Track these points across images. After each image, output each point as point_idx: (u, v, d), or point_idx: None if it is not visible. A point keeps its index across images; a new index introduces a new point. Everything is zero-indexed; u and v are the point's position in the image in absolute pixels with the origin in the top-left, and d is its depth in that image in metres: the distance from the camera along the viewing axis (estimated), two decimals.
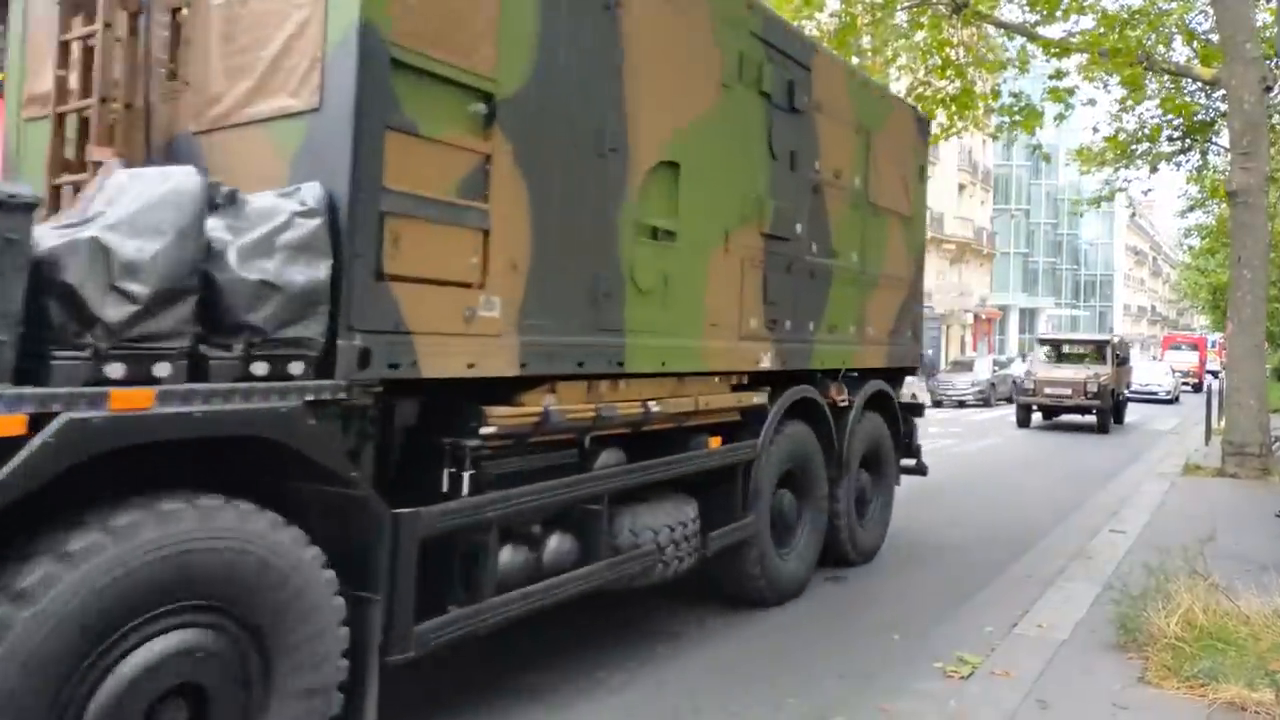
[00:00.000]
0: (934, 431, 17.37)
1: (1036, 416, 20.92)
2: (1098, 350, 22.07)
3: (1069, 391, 19.35)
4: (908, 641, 5.38)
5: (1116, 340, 22.31)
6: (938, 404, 26.36)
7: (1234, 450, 11.47)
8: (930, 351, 40.88)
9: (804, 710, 4.38)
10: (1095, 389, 18.90)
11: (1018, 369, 35.01)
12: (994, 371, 28.59)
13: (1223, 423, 12.72)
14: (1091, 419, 20.00)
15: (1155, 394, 31.32)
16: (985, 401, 26.47)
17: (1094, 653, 4.84)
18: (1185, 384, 37.94)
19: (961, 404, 26.38)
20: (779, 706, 4.42)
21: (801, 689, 4.62)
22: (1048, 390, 19.71)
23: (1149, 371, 33.09)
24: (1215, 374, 33.59)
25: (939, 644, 5.26)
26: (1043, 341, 24.66)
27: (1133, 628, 4.89)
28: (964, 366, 29.74)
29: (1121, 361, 21.56)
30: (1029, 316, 70.01)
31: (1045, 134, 17.11)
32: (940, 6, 12.70)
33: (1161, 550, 6.02)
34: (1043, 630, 5.25)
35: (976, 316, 50.03)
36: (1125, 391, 22.51)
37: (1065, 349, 23.32)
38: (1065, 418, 21.11)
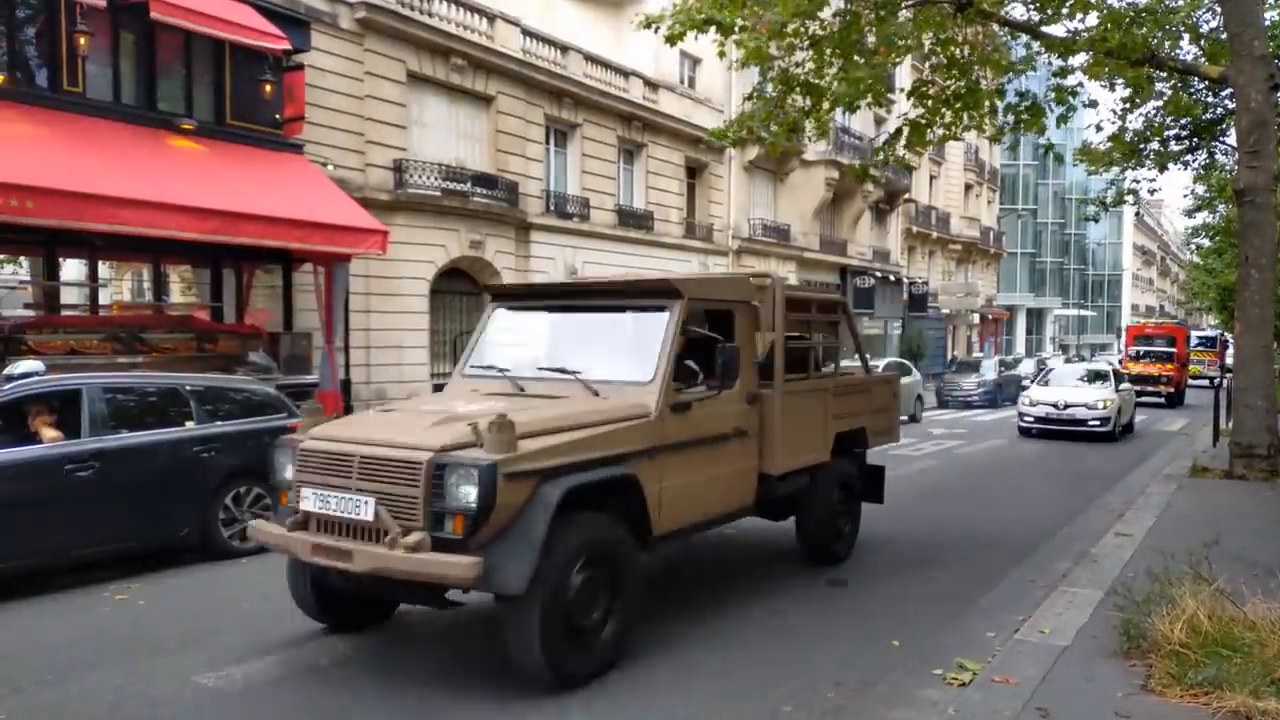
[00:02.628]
0: (939, 433, 17.26)
1: None
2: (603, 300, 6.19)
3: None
4: (907, 647, 5.31)
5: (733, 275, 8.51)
6: (944, 404, 26.28)
7: (1242, 452, 11.34)
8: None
9: (800, 718, 4.31)
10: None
11: (1026, 367, 34.46)
12: (1000, 372, 28.46)
13: (1231, 424, 12.58)
14: None
15: (1083, 422, 17.49)
16: (991, 402, 26.32)
17: (1096, 659, 4.75)
18: (1153, 395, 27.51)
19: (967, 405, 26.23)
20: (775, 714, 4.35)
21: (798, 697, 4.55)
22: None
23: (1065, 386, 18.81)
24: (1213, 380, 29.39)
25: (940, 650, 5.18)
26: (495, 297, 6.89)
27: (1136, 634, 4.80)
28: (970, 367, 29.58)
29: (797, 362, 7.11)
30: (1036, 317, 69.80)
31: (1052, 134, 16.86)
32: (944, 5, 12.58)
33: (1166, 554, 5.92)
34: (1045, 636, 5.16)
35: (983, 317, 49.81)
36: (871, 444, 8.29)
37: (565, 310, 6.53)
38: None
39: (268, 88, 13.14)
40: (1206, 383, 35.70)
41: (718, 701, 4.49)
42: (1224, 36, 12.76)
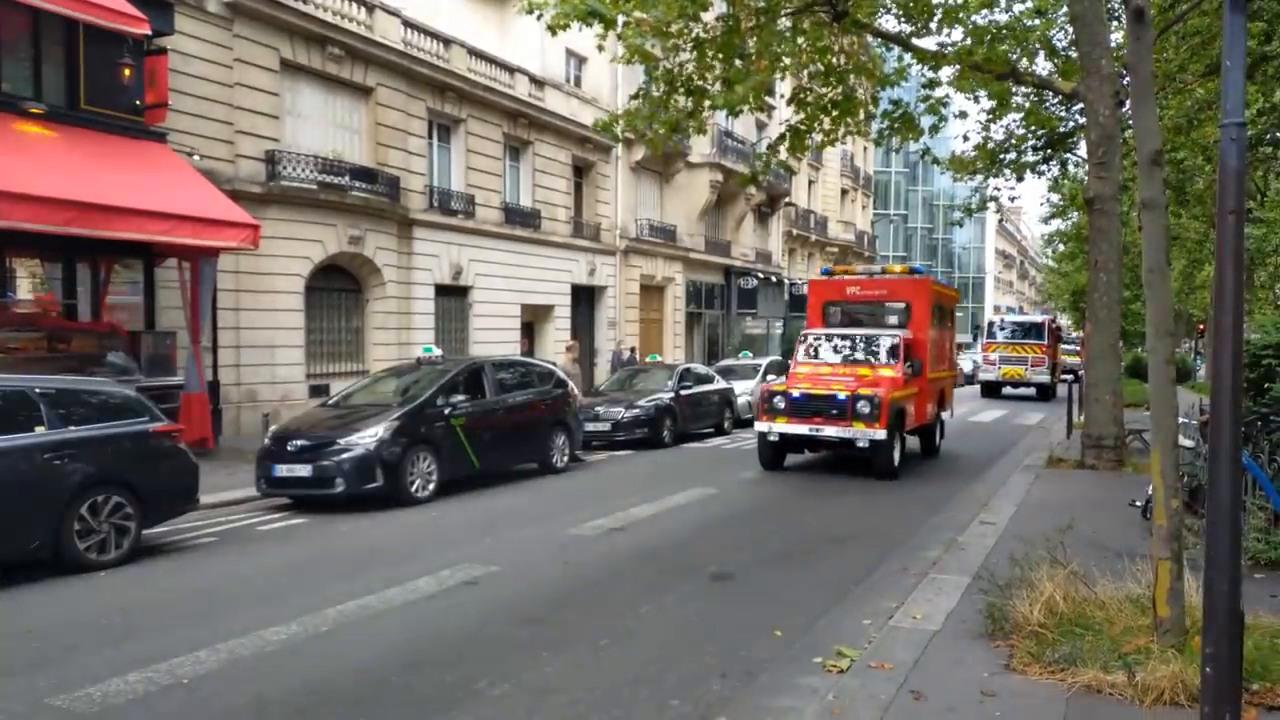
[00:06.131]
0: None
1: None
2: None
3: None
4: (789, 638, 5.44)
5: None
6: None
7: (1092, 443, 12.15)
8: None
9: (687, 712, 4.35)
10: None
11: None
12: None
13: (1082, 417, 13.45)
14: None
15: None
16: None
17: (964, 642, 4.99)
18: (835, 444, 11.98)
19: None
20: (663, 709, 4.38)
21: (685, 690, 4.60)
22: None
23: None
24: (1042, 387, 27.34)
25: (820, 639, 5.35)
26: None
27: (999, 617, 5.08)
28: None
29: None
30: None
31: (926, 140, 17.55)
32: (821, 14, 12.97)
33: (1026, 540, 6.28)
34: (917, 622, 5.40)
35: None
36: None
37: None
38: None
39: (126, 72, 12.36)
40: (1033, 390, 29.02)
41: (607, 698, 4.49)
42: (1075, 55, 13.63)
